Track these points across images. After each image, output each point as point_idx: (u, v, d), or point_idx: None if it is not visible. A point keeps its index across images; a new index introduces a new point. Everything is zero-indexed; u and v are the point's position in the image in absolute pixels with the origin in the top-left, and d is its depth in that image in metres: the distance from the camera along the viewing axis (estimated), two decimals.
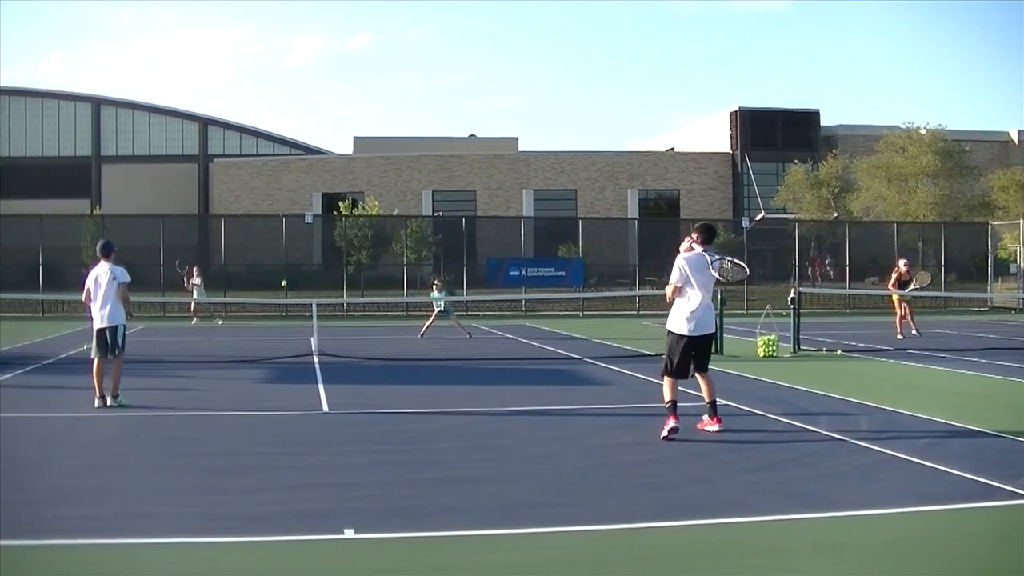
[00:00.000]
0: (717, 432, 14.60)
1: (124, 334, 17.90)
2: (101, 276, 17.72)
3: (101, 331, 17.65)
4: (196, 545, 9.12)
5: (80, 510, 10.38)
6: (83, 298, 18.07)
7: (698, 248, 15.02)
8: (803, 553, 9.05)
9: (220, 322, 41.21)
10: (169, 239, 50.58)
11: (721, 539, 9.46)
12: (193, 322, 39.72)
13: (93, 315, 17.85)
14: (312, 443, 14.45)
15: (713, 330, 15.25)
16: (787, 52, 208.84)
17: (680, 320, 14.82)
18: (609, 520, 9.93)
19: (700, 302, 14.75)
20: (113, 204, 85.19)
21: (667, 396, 14.56)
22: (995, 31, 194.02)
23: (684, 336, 14.72)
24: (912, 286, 34.26)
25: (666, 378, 14.74)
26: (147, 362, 24.61)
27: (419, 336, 33.16)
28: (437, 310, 34.33)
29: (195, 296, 40.83)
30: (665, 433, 14.18)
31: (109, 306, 17.60)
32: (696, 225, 15.67)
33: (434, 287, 34.97)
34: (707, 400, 14.94)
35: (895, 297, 34.45)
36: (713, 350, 26.51)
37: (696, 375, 14.94)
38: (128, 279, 17.92)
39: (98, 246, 18.27)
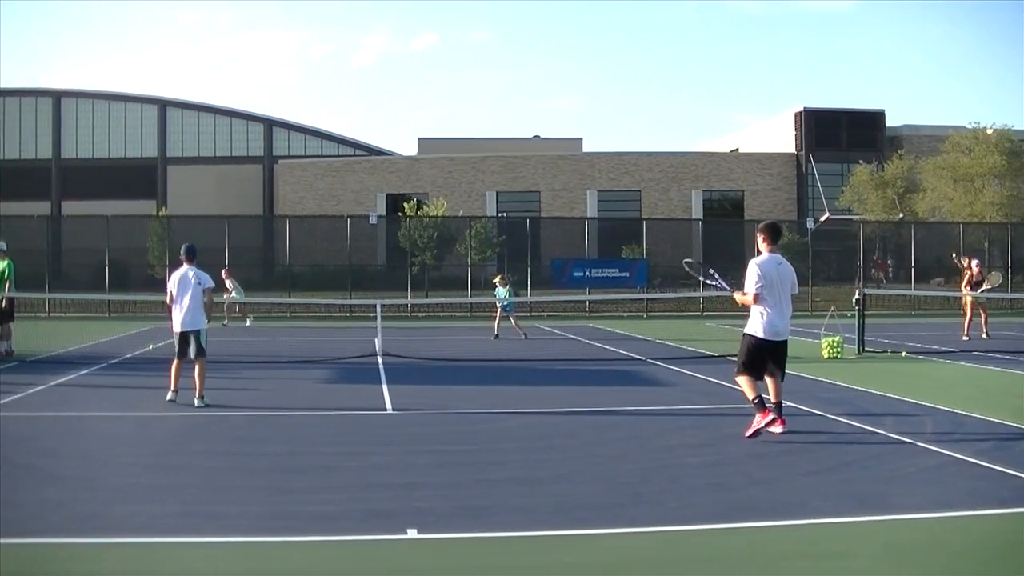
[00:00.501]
0: (780, 433, 14.41)
1: (206, 337, 18.23)
2: (184, 279, 17.90)
3: (183, 334, 17.91)
4: (259, 544, 9.21)
5: (147, 508, 10.49)
6: (167, 300, 18.23)
7: (765, 250, 14.88)
8: (866, 556, 9.02)
9: (249, 322, 41.17)
10: (234, 240, 50.86)
11: (784, 541, 9.46)
12: (225, 323, 39.66)
13: (174, 318, 18.03)
14: (376, 443, 14.52)
15: (786, 336, 14.89)
16: (852, 52, 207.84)
17: (755, 324, 14.64)
18: (673, 521, 9.96)
19: (774, 306, 14.60)
20: (179, 205, 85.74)
21: (749, 395, 14.55)
22: None
23: (757, 339, 14.63)
24: (984, 287, 34.06)
25: (742, 377, 14.71)
26: (212, 362, 24.75)
27: (493, 337, 33.33)
28: (500, 308, 34.39)
29: (235, 297, 40.55)
30: (754, 430, 14.30)
31: (191, 310, 17.83)
32: (761, 225, 15.44)
33: (497, 284, 34.99)
34: (773, 401, 14.69)
35: (968, 299, 34.24)
36: None
37: (767, 377, 14.73)
38: (212, 284, 18.29)
39: (182, 249, 18.44)
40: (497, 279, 35.65)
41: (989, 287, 33.93)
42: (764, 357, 14.63)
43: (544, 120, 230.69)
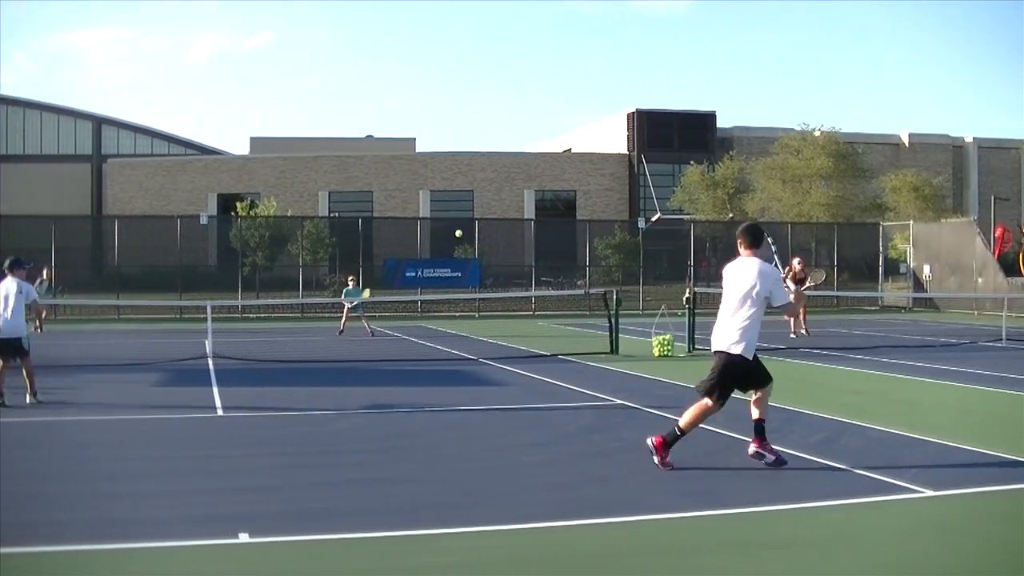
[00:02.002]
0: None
1: (28, 341, 18.41)
2: (7, 291, 17.93)
3: (4, 341, 17.86)
4: (87, 552, 8.99)
5: None
6: None
7: (744, 254, 13.18)
8: (705, 551, 9.09)
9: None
10: (62, 240, 49.83)
11: (622, 538, 9.48)
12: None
13: None
14: (207, 446, 14.31)
15: (723, 347, 12.87)
16: (685, 54, 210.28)
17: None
18: (511, 521, 9.92)
19: (720, 315, 13.05)
20: (3, 205, 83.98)
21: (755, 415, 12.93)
22: (886, 35, 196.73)
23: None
24: (807, 284, 34.69)
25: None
26: (38, 366, 24.29)
27: (339, 333, 33.89)
28: (348, 307, 34.58)
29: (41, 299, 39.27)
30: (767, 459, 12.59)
31: (12, 318, 17.92)
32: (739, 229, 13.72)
33: (350, 282, 35.24)
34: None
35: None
36: (610, 350, 26.88)
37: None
38: (36, 297, 18.83)
39: (7, 262, 18.42)
40: (349, 278, 35.95)
41: (812, 284, 34.57)
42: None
43: (378, 120, 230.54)
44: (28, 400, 17.59)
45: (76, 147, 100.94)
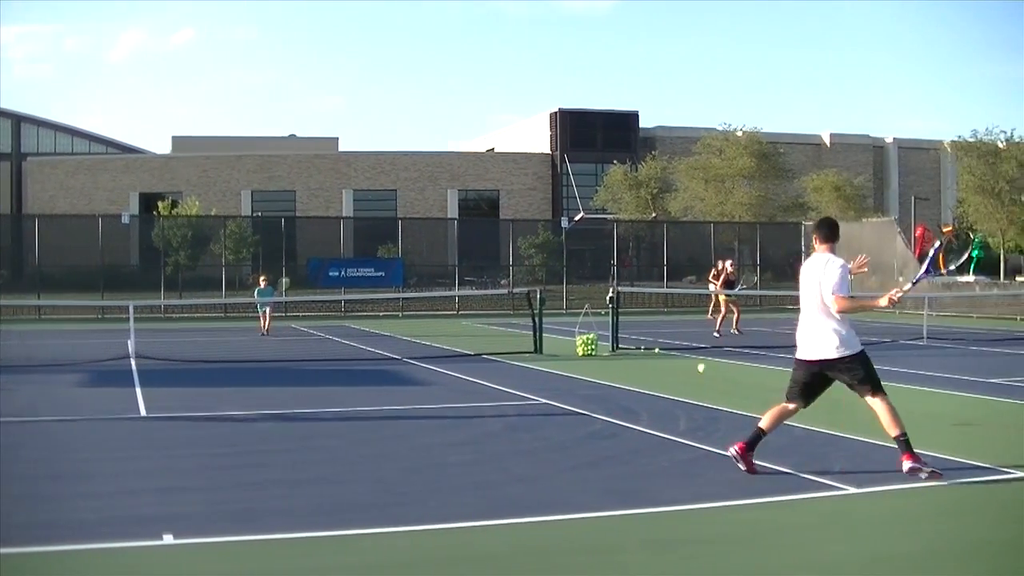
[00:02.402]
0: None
1: None
2: None
3: None
4: (12, 555, 8.90)
5: None
6: None
7: (819, 249, 12.39)
8: (629, 550, 9.12)
9: None
10: None
11: (548, 537, 9.50)
12: None
13: None
14: (130, 447, 14.19)
15: (824, 356, 11.92)
16: (607, 53, 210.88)
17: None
18: (436, 520, 9.91)
19: (803, 318, 12.30)
20: None
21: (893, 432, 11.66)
22: (807, 35, 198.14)
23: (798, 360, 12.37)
24: (740, 286, 35.17)
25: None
26: None
27: (266, 332, 33.58)
28: (264, 307, 34.55)
29: None
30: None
31: None
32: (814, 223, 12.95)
33: (262, 282, 35.01)
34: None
35: (723, 297, 35.38)
36: (533, 349, 26.93)
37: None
38: None
39: None
40: (262, 279, 35.69)
41: (744, 286, 35.08)
42: (804, 380, 12.23)
43: (301, 119, 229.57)
44: None
45: None
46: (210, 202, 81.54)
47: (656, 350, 28.34)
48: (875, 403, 11.66)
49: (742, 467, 11.71)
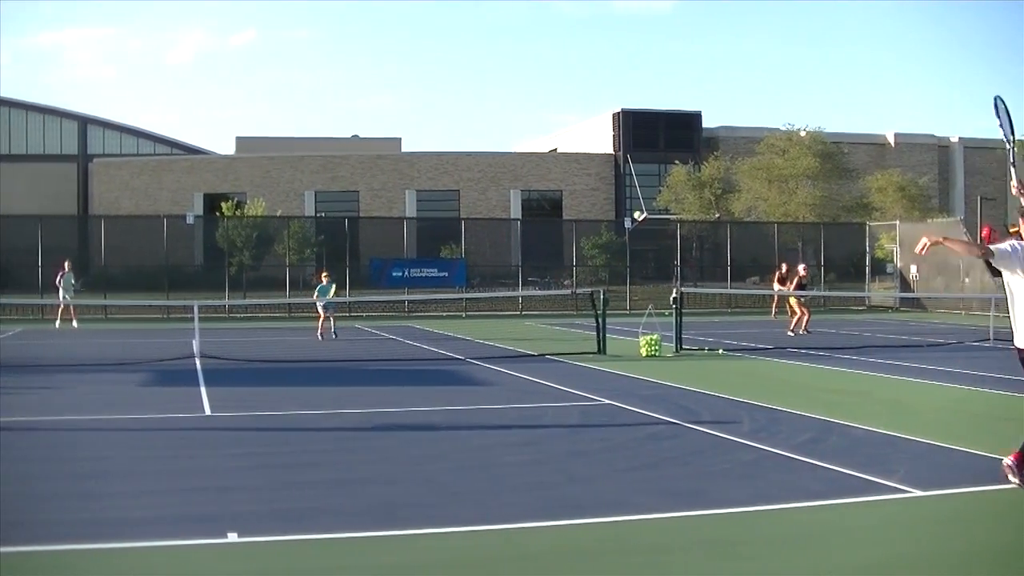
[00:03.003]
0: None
1: None
2: None
3: None
4: (72, 552, 8.96)
5: None
6: None
7: None
8: (686, 550, 9.09)
9: (58, 324, 40.03)
10: (48, 240, 49.71)
11: (604, 537, 9.47)
12: (57, 325, 38.82)
13: None
14: (194, 446, 14.26)
15: None
16: (670, 53, 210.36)
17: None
18: (492, 520, 9.92)
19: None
20: None
21: None
22: (872, 35, 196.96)
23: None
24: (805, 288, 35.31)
25: None
26: (25, 366, 24.25)
27: (320, 337, 32.98)
28: (322, 305, 33.84)
29: (62, 296, 39.36)
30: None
31: None
32: None
33: (324, 278, 34.29)
34: None
35: (793, 299, 35.44)
36: (597, 350, 26.89)
37: None
38: None
39: None
40: (324, 274, 35.10)
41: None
42: None
43: (364, 119, 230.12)
44: None
45: (62, 147, 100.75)
46: (273, 202, 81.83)
47: (719, 351, 28.22)
48: None
49: (1015, 480, 10.99)
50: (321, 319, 33.83)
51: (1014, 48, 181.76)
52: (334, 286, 34.24)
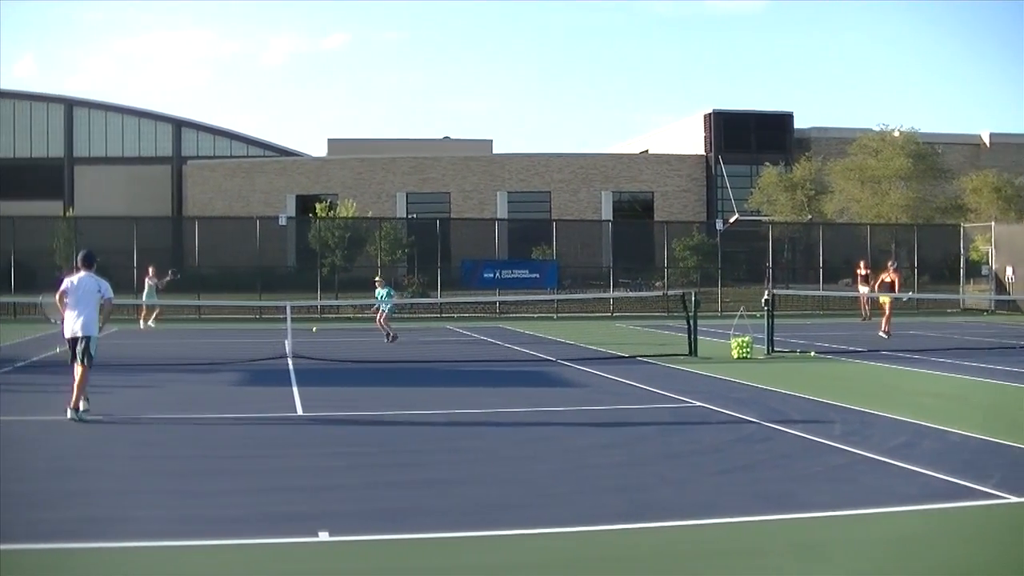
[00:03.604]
0: None
1: (96, 345, 17.10)
2: (82, 285, 16.99)
3: (73, 340, 16.91)
4: (169, 548, 9.10)
5: (56, 514, 10.33)
6: (56, 298, 17.24)
7: None
8: (777, 553, 9.09)
9: (143, 326, 40.11)
10: (142, 241, 50.28)
11: (695, 540, 9.49)
12: (142, 326, 39.11)
13: (66, 324, 17.05)
14: (286, 446, 14.43)
15: None
16: (762, 53, 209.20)
17: None
18: (584, 522, 9.96)
19: None
20: (86, 206, 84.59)
21: None
22: (966, 33, 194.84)
23: None
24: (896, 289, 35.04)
25: None
26: (122, 365, 24.52)
27: (389, 341, 32.96)
28: (382, 309, 33.81)
29: (144, 299, 39.52)
30: None
31: (84, 316, 16.88)
32: None
33: (377, 285, 34.36)
34: None
35: (885, 299, 35.19)
36: (688, 352, 26.84)
37: None
38: (112, 295, 17.44)
39: (80, 256, 17.60)
40: (376, 280, 35.16)
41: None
42: None
43: (454, 121, 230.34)
44: (68, 414, 16.33)
45: (156, 149, 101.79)
46: (365, 204, 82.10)
47: (811, 353, 28.07)
48: None
49: None
50: (380, 321, 33.84)
51: None
52: (389, 290, 34.22)
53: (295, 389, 20.36)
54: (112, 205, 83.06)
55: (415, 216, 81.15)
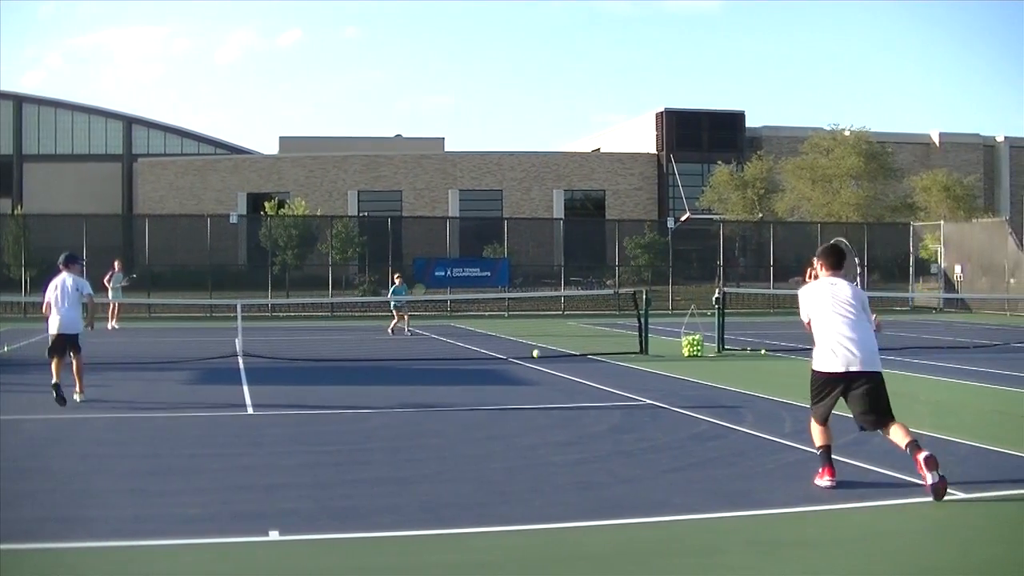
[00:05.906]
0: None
1: (82, 338, 18.59)
2: (63, 286, 18.23)
3: (60, 336, 18.13)
4: (122, 549, 9.04)
5: (8, 514, 10.22)
6: (43, 309, 18.48)
7: (824, 276, 13.06)
8: (733, 551, 9.09)
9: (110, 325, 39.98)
10: (92, 239, 49.97)
11: (650, 538, 9.49)
12: (111, 326, 38.88)
13: (51, 321, 18.23)
14: (237, 444, 14.38)
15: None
16: (714, 53, 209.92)
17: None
18: (540, 520, 9.95)
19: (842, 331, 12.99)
20: (35, 203, 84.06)
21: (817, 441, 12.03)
22: (915, 33, 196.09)
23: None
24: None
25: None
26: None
27: (409, 333, 33.60)
28: (396, 306, 34.76)
29: (111, 295, 39.37)
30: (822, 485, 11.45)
31: (70, 314, 18.21)
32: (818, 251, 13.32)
33: (397, 280, 35.21)
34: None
35: None
36: (639, 350, 26.88)
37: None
38: (91, 292, 18.88)
39: (61, 257, 18.79)
40: (397, 276, 36.02)
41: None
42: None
43: (407, 119, 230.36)
44: (76, 398, 17.79)
45: (107, 146, 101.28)
46: (317, 202, 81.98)
47: (762, 351, 28.17)
48: None
49: None
50: (395, 319, 34.70)
51: None
52: (407, 287, 34.82)
53: (245, 387, 20.30)
54: (62, 203, 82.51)
55: (367, 214, 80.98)
